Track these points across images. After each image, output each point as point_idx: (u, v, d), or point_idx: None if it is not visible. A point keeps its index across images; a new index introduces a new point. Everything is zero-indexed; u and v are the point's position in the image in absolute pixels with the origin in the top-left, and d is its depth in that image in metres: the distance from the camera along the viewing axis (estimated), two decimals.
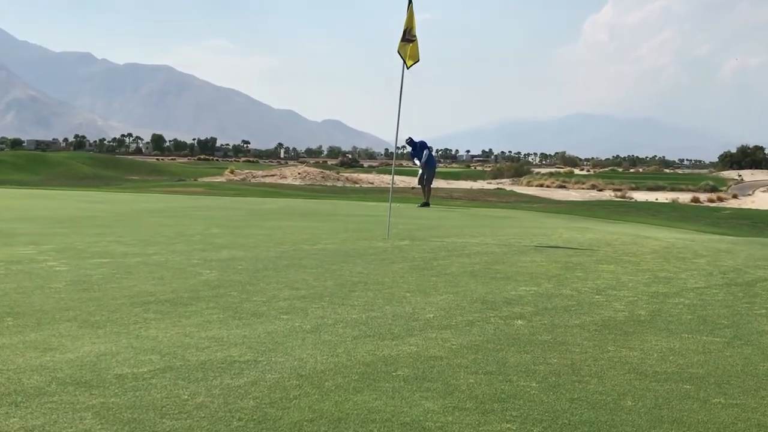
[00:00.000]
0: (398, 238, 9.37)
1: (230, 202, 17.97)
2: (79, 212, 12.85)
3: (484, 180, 74.41)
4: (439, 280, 6.23)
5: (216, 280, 5.93)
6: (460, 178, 75.86)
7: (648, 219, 17.74)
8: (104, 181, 44.63)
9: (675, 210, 23.17)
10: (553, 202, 31.68)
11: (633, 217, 18.31)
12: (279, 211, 14.96)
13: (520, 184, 64.32)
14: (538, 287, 6.05)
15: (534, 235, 10.60)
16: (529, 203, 29.29)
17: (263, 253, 7.63)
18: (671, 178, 78.23)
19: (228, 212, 13.93)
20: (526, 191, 48.50)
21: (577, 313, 5.07)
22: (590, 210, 21.11)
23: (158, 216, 12.43)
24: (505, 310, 5.12)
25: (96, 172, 55.04)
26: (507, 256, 7.92)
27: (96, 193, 21.90)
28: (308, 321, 4.58)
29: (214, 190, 28.74)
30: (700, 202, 39.83)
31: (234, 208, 15.45)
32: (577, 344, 4.23)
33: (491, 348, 4.08)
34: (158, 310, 4.78)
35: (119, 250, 7.58)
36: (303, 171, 54.16)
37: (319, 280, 6.07)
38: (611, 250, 8.85)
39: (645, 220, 16.95)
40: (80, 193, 21.29)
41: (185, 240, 8.60)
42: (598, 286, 6.19)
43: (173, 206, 15.50)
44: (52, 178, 45.65)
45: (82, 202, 16.15)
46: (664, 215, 20.18)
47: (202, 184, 38.34)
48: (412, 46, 9.45)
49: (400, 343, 4.11)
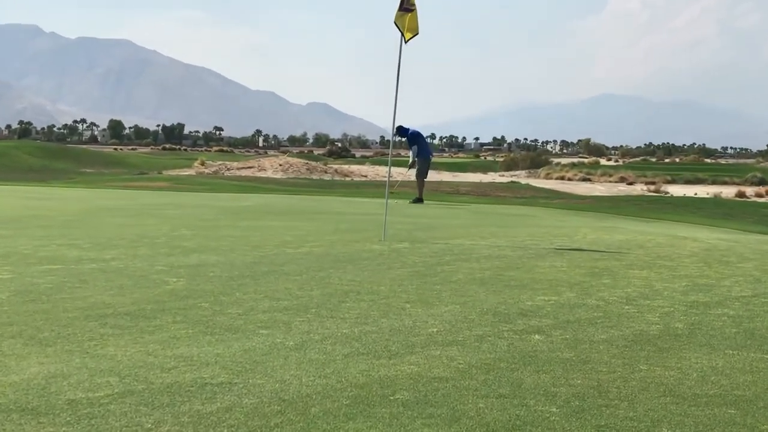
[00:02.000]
0: (396, 240, 9.37)
1: (201, 199, 17.94)
2: (24, 211, 12.82)
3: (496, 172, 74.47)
4: (443, 289, 6.23)
5: (184, 289, 5.93)
6: (468, 169, 75.89)
7: (686, 217, 17.79)
8: (53, 175, 44.53)
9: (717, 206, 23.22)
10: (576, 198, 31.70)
11: (669, 214, 18.35)
12: (258, 208, 14.95)
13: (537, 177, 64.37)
14: (559, 296, 6.06)
15: (554, 236, 10.61)
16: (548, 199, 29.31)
17: (239, 257, 7.62)
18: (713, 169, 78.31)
19: (198, 210, 13.91)
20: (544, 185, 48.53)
21: (604, 327, 5.08)
22: (619, 206, 21.14)
23: (117, 215, 12.41)
24: (521, 323, 5.12)
25: (44, 164, 54.94)
26: (522, 261, 7.93)
27: (44, 189, 21.85)
28: (292, 336, 4.58)
29: (182, 184, 28.70)
30: (747, 196, 39.90)
31: (205, 205, 15.43)
32: (604, 362, 4.24)
33: (504, 367, 4.08)
34: (117, 324, 4.78)
35: (72, 254, 7.57)
36: (285, 162, 54.17)
37: (304, 289, 6.07)
38: (643, 253, 8.86)
39: (682, 218, 16.99)
40: (25, 189, 21.25)
41: (148, 243, 8.59)
42: (629, 295, 6.20)
43: (134, 204, 15.47)
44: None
45: (27, 199, 16.12)
46: (704, 212, 20.23)
47: (167, 177, 38.27)
48: (410, 16, 9.46)
49: (399, 362, 4.11)
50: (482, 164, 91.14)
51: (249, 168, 51.81)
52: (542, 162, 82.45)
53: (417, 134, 18.82)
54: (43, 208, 13.50)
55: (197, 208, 14.66)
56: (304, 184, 37.51)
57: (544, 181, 58.01)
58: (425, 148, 19.22)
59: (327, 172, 51.89)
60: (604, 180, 59.24)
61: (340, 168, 56.22)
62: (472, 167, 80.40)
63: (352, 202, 18.72)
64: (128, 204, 15.38)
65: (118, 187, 25.39)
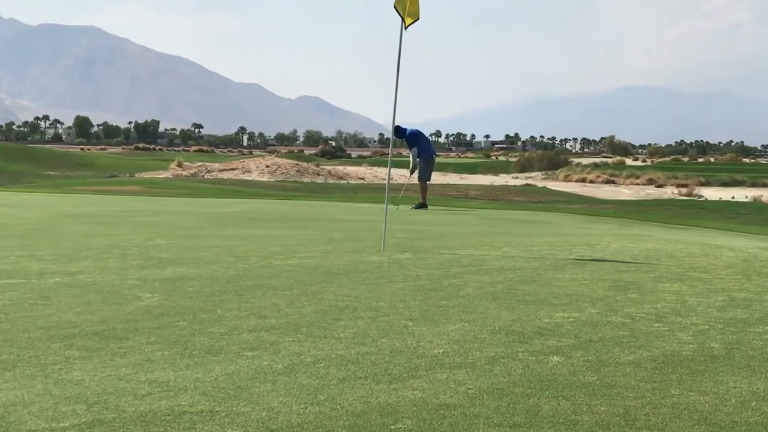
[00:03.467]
0: (397, 250, 9.37)
1: (178, 205, 17.95)
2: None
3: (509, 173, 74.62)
4: (450, 305, 6.23)
5: (160, 306, 5.93)
6: (478, 171, 76.04)
7: (722, 223, 17.78)
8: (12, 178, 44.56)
9: (757, 211, 23.24)
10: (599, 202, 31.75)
11: (703, 220, 18.36)
12: (242, 215, 14.95)
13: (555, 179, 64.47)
14: (580, 313, 6.06)
15: (574, 245, 10.61)
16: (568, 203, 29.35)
17: (221, 270, 7.62)
18: (752, 169, 78.49)
19: (175, 218, 13.91)
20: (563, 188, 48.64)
21: (631, 347, 5.08)
22: (647, 212, 21.15)
23: (84, 223, 12.41)
24: (537, 343, 5.12)
25: (1, 165, 54.94)
26: (539, 273, 7.93)
27: (1, 194, 21.84)
28: (280, 359, 4.58)
29: (157, 188, 28.72)
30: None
31: (183, 212, 15.44)
32: (631, 387, 4.24)
33: (519, 393, 4.08)
34: (84, 345, 4.77)
35: (33, 267, 7.57)
36: (273, 163, 54.24)
37: (295, 305, 6.07)
38: (674, 264, 8.86)
39: (718, 225, 16.98)
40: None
41: (119, 254, 8.59)
42: (658, 311, 6.20)
43: (104, 210, 15.48)
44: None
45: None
46: (743, 218, 20.25)
47: (141, 181, 38.33)
48: (411, 0, 9.54)
49: (401, 387, 4.11)
50: (493, 165, 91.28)
51: (232, 170, 51.89)
52: (561, 162, 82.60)
53: (417, 133, 18.86)
54: (1, 216, 13.50)
55: (174, 215, 14.66)
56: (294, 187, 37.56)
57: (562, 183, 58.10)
58: (427, 147, 19.26)
59: (320, 174, 51.97)
60: (630, 182, 59.37)
61: (334, 169, 56.30)
62: (483, 168, 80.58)
63: (347, 207, 18.73)
64: (97, 210, 15.38)
65: (86, 191, 25.39)
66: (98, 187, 28.99)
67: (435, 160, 19.85)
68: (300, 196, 26.22)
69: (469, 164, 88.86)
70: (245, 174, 49.43)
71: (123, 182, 35.93)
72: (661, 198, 38.38)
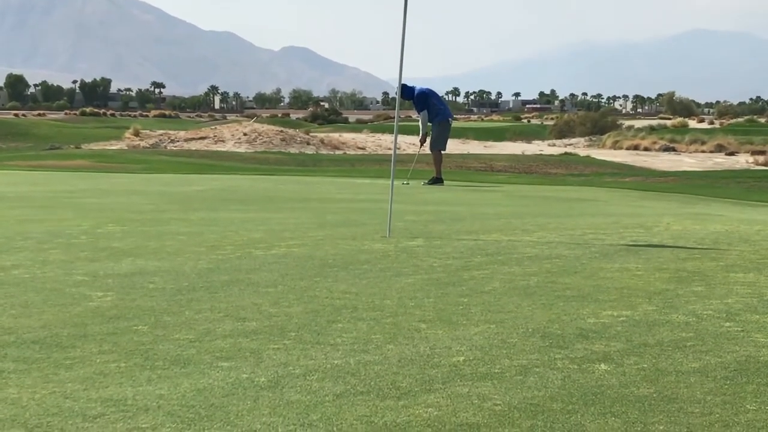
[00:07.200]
0: (406, 236, 9.38)
1: (135, 183, 17.96)
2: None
3: (544, 140, 74.49)
4: (472, 303, 6.24)
5: (114, 307, 5.93)
6: (505, 138, 75.91)
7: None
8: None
9: None
10: (656, 175, 31.71)
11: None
12: (214, 195, 14.96)
13: (601, 146, 64.32)
14: (633, 311, 6.06)
15: (625, 227, 10.61)
16: (617, 177, 29.32)
17: (189, 263, 7.63)
18: None
19: (132, 198, 13.92)
20: (611, 157, 48.52)
21: (696, 352, 5.08)
22: (715, 186, 21.13)
23: (19, 206, 12.42)
24: (580, 348, 5.13)
25: None
26: (582, 263, 7.93)
27: None
28: (263, 371, 4.59)
29: (109, 163, 28.73)
30: None
31: (141, 191, 15.44)
32: (696, 401, 4.24)
33: (558, 409, 4.09)
34: (21, 356, 4.78)
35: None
36: (252, 130, 54.14)
37: (280, 304, 6.08)
38: (749, 250, 8.85)
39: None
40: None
41: (63, 244, 8.60)
42: (729, 308, 6.20)
43: (43, 190, 15.49)
44: None
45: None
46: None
47: (89, 153, 38.33)
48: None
49: (412, 404, 4.12)
50: (524, 129, 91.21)
51: (202, 139, 51.82)
52: (608, 125, 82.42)
53: (428, 93, 18.78)
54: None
55: (130, 195, 14.66)
56: (279, 160, 37.55)
57: (610, 151, 57.96)
58: (441, 109, 19.19)
59: (310, 143, 51.88)
60: (694, 150, 59.19)
61: (327, 137, 56.24)
62: (511, 134, 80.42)
63: (344, 184, 18.72)
64: (35, 191, 15.38)
65: (21, 167, 25.41)
66: (36, 162, 29.00)
67: (451, 124, 19.79)
68: (286, 171, 26.21)
69: (494, 129, 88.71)
70: (218, 144, 49.38)
71: (67, 155, 35.92)
72: (733, 168, 38.31)
